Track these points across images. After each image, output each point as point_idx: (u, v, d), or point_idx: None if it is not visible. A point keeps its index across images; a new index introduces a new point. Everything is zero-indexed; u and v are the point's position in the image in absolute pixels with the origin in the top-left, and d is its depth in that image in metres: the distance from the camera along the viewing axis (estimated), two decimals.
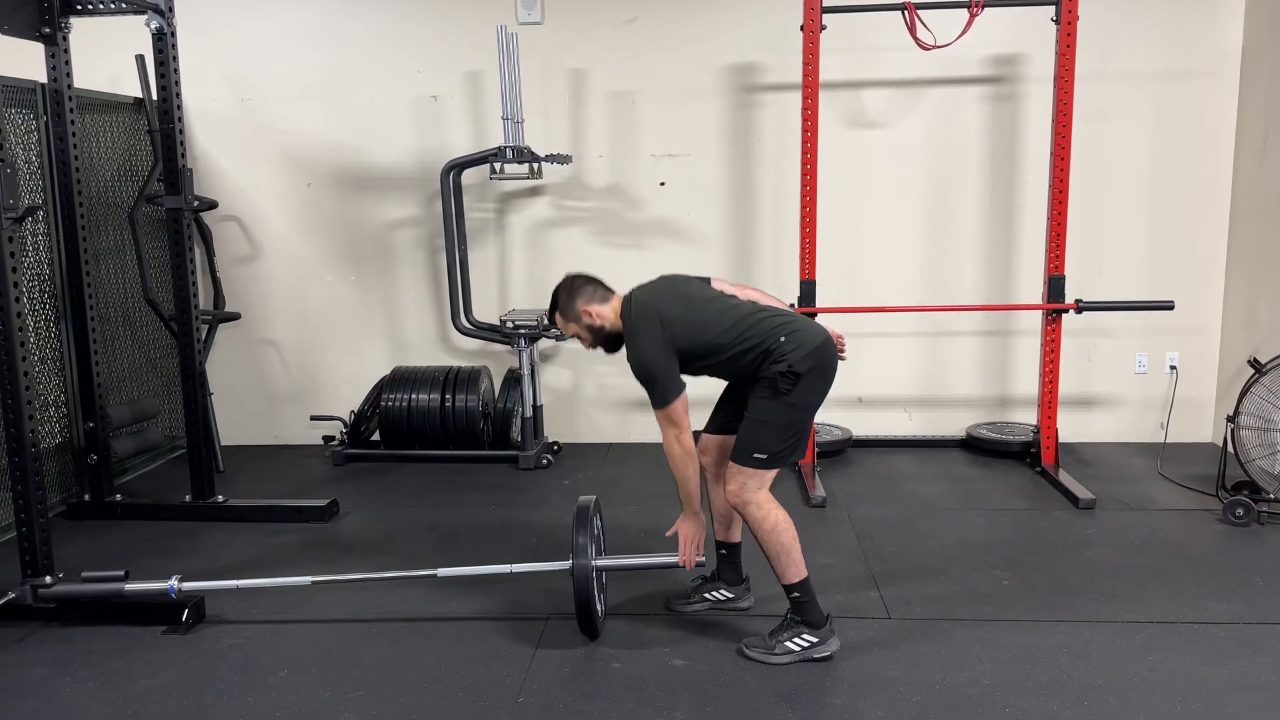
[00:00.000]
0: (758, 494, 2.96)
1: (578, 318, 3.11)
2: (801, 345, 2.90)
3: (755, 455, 2.93)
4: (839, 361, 3.00)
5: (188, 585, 3.29)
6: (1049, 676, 2.89)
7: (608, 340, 3.12)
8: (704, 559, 3.17)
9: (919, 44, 4.59)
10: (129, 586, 3.29)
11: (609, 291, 3.14)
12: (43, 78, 4.07)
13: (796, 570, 2.97)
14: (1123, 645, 3.08)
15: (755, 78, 5.23)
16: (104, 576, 3.30)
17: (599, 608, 3.17)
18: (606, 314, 3.08)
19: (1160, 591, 3.47)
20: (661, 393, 2.93)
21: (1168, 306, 4.76)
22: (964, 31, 4.62)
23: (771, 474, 2.98)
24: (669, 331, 2.93)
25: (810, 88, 4.59)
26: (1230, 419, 4.29)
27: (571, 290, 3.12)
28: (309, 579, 3.38)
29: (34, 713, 2.80)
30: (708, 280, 3.17)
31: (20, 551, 3.35)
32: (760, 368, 2.93)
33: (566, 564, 3.07)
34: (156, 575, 3.59)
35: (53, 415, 4.52)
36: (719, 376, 3.12)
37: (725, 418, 3.18)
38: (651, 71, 5.24)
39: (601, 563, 3.17)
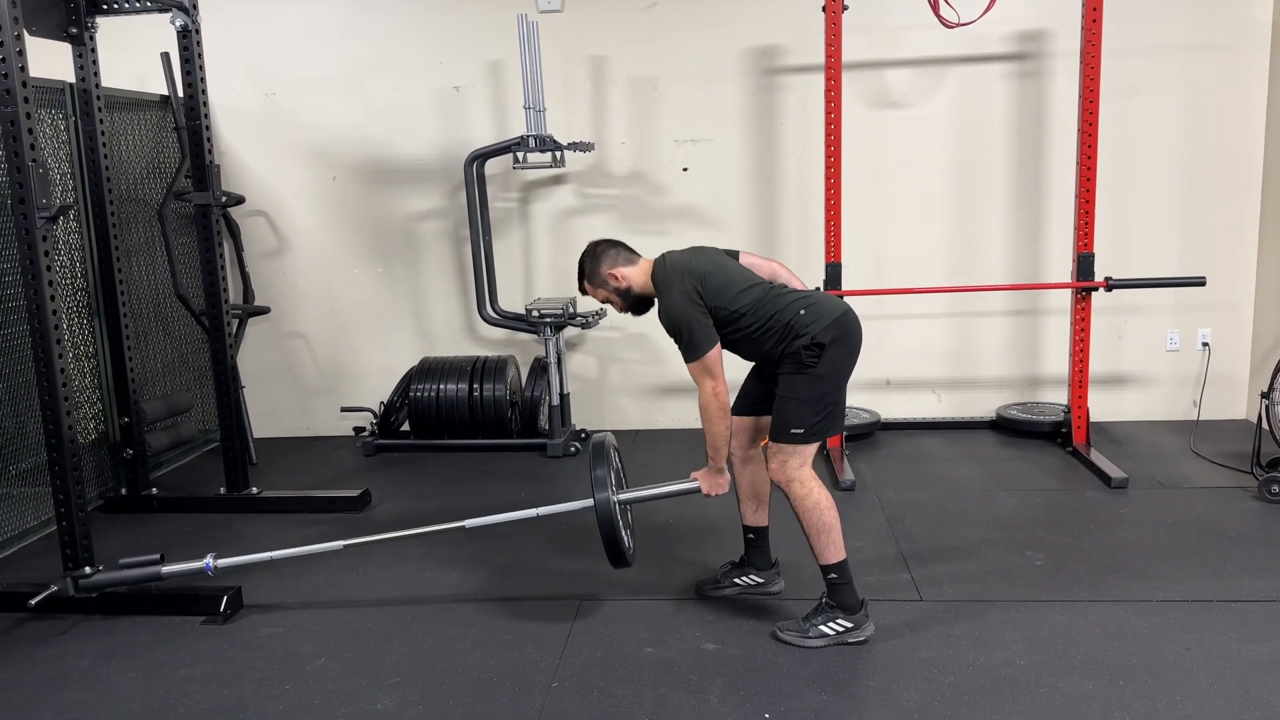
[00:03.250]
0: (800, 470, 2.97)
1: (604, 282, 3.13)
2: (821, 316, 2.92)
3: (792, 431, 2.94)
4: (860, 329, 3.02)
5: (223, 562, 3.32)
6: (1083, 656, 2.88)
7: (637, 302, 3.15)
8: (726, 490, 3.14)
9: (942, 22, 4.55)
10: (165, 569, 3.33)
11: (634, 254, 3.16)
12: (71, 78, 4.12)
13: (835, 551, 2.97)
14: (1157, 624, 3.06)
15: (777, 60, 5.21)
16: (141, 561, 3.35)
17: (626, 539, 3.16)
18: (634, 276, 3.11)
19: (1195, 570, 3.45)
20: (695, 343, 2.93)
21: (1199, 282, 4.69)
22: (988, 8, 4.57)
23: (811, 449, 2.99)
24: (700, 287, 2.95)
25: (833, 69, 4.56)
26: (1265, 395, 4.24)
27: (596, 255, 3.15)
28: (340, 544, 3.42)
29: (79, 703, 2.86)
30: (736, 254, 3.19)
31: (61, 545, 3.41)
32: (784, 344, 2.94)
33: (589, 501, 3.04)
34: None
35: (88, 411, 4.59)
36: (744, 353, 3.10)
37: (753, 399, 3.19)
38: (672, 56, 5.22)
39: (623, 496, 3.17)
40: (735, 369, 3.20)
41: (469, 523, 3.34)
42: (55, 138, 4.33)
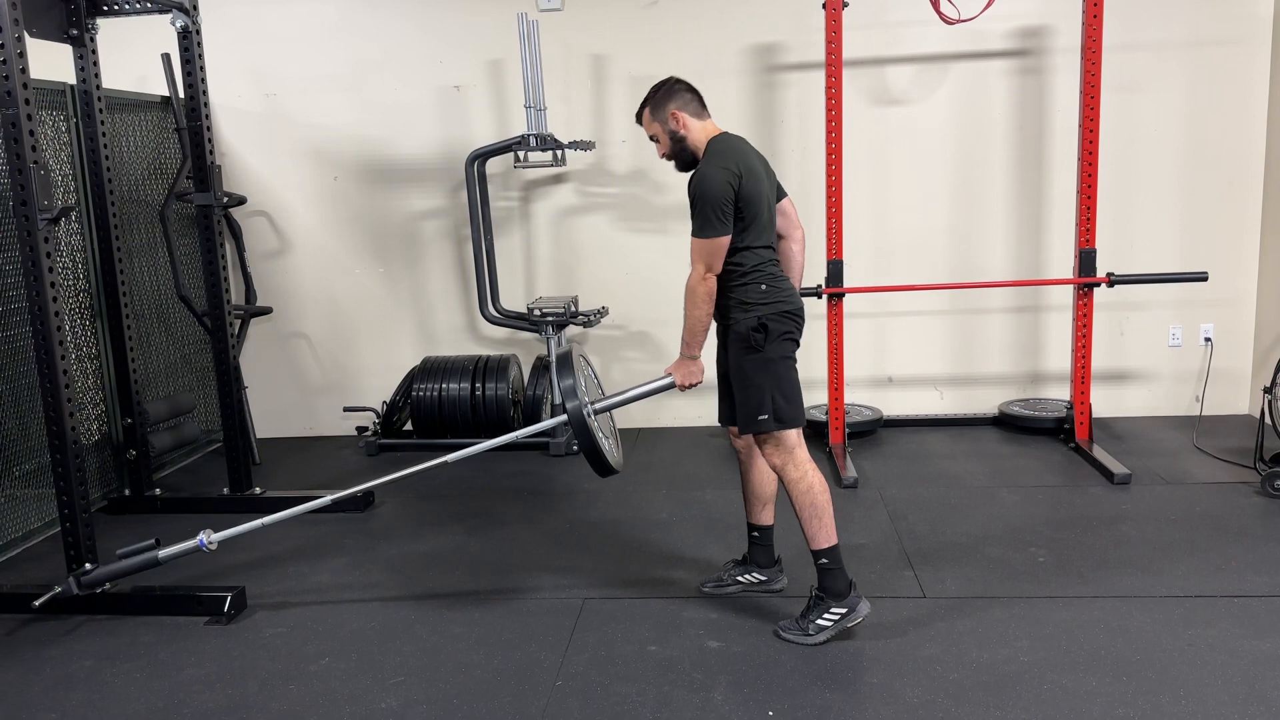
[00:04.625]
0: (793, 453, 2.98)
1: (665, 120, 3.08)
2: (776, 303, 2.97)
3: (759, 418, 2.96)
4: (802, 326, 3.05)
5: (217, 536, 3.31)
6: (1087, 652, 2.88)
7: (682, 155, 3.09)
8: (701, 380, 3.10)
9: (943, 18, 4.54)
10: (162, 552, 3.33)
11: (705, 112, 3.12)
12: (71, 79, 4.13)
13: (827, 535, 2.97)
14: (1161, 620, 3.06)
15: (778, 57, 5.20)
16: (138, 549, 3.35)
17: (609, 447, 3.13)
18: (694, 128, 3.06)
19: (1198, 565, 3.44)
20: (710, 221, 2.89)
21: (1201, 278, 4.69)
22: (988, 4, 4.57)
23: (793, 433, 2.99)
24: (742, 181, 2.92)
25: (833, 66, 4.56)
26: (1268, 390, 4.23)
27: (670, 90, 3.10)
28: (329, 498, 3.41)
29: (84, 703, 2.86)
30: (784, 195, 3.18)
31: (64, 546, 3.42)
32: (732, 301, 2.97)
33: (564, 417, 3.02)
34: (199, 567, 3.68)
35: (91, 412, 4.60)
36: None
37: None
38: (673, 54, 5.21)
39: (597, 405, 3.10)
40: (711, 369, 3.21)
41: (451, 457, 3.33)
42: (56, 139, 4.34)
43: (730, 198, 2.89)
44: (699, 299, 2.94)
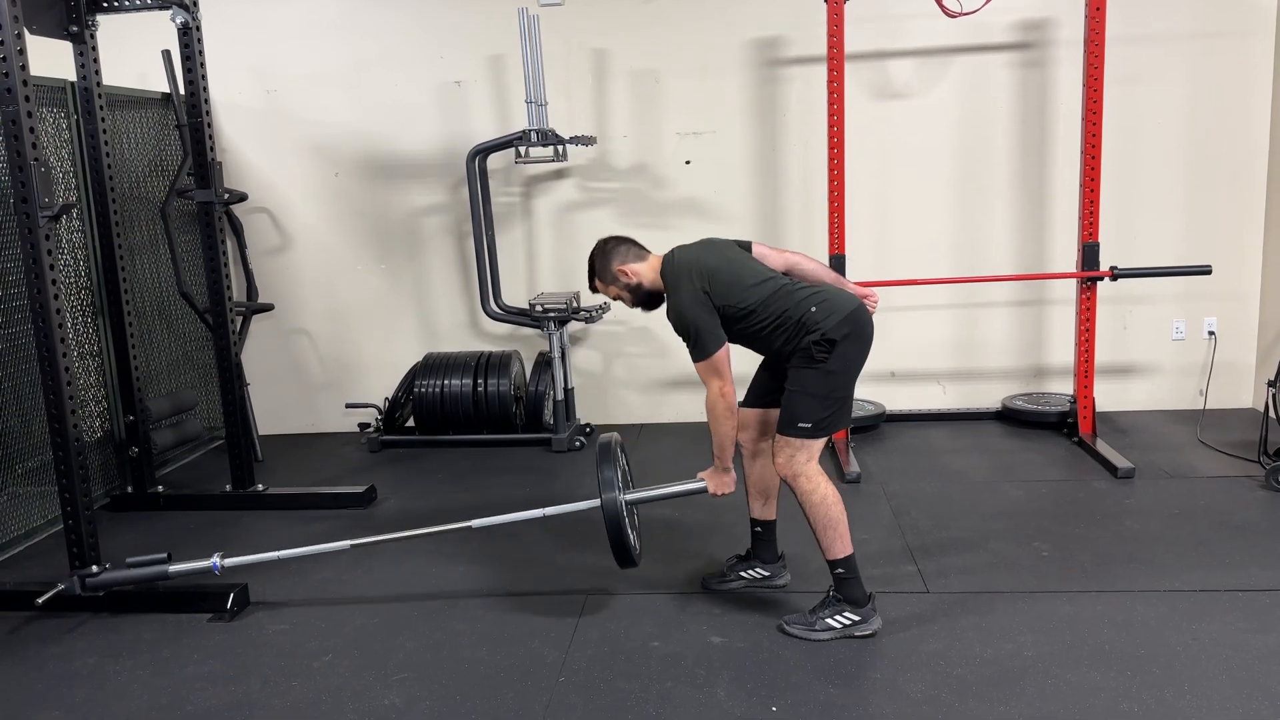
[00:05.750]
0: (807, 465, 2.96)
1: (615, 279, 3.14)
2: (833, 313, 2.91)
3: (800, 425, 2.93)
4: (872, 323, 3.01)
5: (230, 561, 3.33)
6: (1091, 647, 2.87)
7: (647, 298, 3.16)
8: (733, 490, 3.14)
9: (945, 11, 4.53)
10: (173, 568, 3.34)
11: (644, 250, 3.17)
12: (72, 76, 4.12)
13: (843, 546, 2.96)
14: (1165, 614, 3.05)
15: (779, 51, 5.19)
16: (148, 560, 3.36)
17: (633, 539, 3.16)
18: (644, 271, 3.11)
19: (1202, 560, 3.44)
20: (703, 344, 2.93)
21: (1205, 271, 4.68)
22: None
23: (819, 443, 2.98)
24: (708, 286, 2.95)
25: (835, 59, 4.54)
26: (1271, 383, 4.22)
27: (606, 252, 3.15)
28: (348, 543, 3.38)
29: (87, 701, 2.87)
30: (749, 245, 3.18)
31: (67, 543, 3.42)
32: (795, 341, 2.93)
33: (596, 501, 3.05)
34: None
35: (93, 410, 4.60)
36: (755, 349, 3.10)
37: (763, 391, 3.18)
38: (674, 49, 5.20)
39: (630, 496, 3.16)
40: (746, 364, 3.20)
41: (475, 523, 3.33)
42: (57, 136, 4.33)
43: (708, 310, 2.94)
44: (719, 414, 2.97)
